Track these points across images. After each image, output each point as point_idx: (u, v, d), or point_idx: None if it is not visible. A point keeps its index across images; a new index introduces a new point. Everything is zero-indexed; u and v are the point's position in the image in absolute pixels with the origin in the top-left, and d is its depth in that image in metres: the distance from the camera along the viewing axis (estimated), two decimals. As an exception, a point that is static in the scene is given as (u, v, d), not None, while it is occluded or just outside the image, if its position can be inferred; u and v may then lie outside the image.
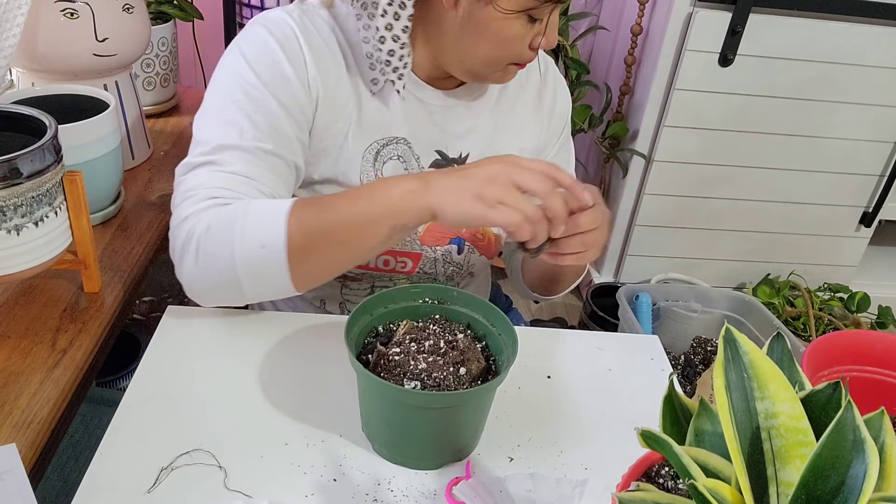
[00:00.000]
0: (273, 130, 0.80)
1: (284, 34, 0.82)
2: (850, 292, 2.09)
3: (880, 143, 2.00)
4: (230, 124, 0.79)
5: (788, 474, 0.42)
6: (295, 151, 0.83)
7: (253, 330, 0.83)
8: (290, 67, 0.81)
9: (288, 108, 0.81)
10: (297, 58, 0.82)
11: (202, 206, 0.75)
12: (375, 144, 0.88)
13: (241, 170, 0.78)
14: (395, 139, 0.89)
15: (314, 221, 0.72)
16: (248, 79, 0.80)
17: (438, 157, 0.92)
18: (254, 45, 0.82)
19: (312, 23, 0.84)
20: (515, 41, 0.80)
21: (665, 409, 0.49)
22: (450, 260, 0.96)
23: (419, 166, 0.91)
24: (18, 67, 1.02)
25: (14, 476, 0.53)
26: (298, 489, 0.65)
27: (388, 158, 0.89)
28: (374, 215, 0.71)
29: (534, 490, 0.66)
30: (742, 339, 0.44)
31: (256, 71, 0.80)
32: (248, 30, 0.84)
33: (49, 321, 0.79)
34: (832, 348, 0.80)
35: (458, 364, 0.68)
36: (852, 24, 1.80)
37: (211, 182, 0.77)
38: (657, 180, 2.02)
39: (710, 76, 1.84)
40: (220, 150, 0.78)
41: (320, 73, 0.83)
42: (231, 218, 0.73)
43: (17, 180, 0.68)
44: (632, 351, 0.89)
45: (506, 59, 0.82)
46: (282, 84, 0.80)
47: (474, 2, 0.77)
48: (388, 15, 0.79)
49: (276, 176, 0.80)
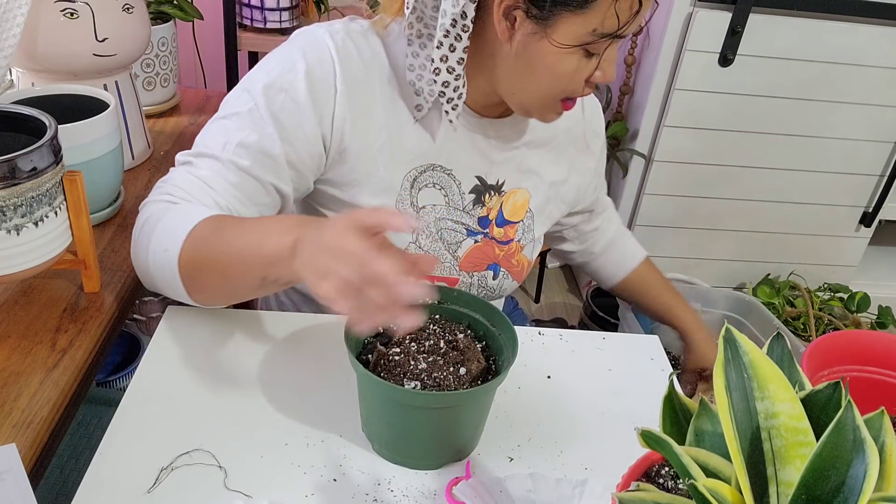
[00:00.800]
0: (260, 151, 0.79)
1: (320, 59, 0.80)
2: (850, 292, 2.09)
3: (880, 143, 2.00)
4: (220, 134, 0.80)
5: (788, 474, 0.42)
6: (280, 176, 0.81)
7: (253, 330, 0.83)
8: (308, 97, 0.79)
9: (288, 135, 0.79)
10: (324, 89, 0.80)
11: (154, 199, 0.78)
12: (413, 171, 0.87)
13: (205, 175, 0.78)
14: (433, 166, 0.88)
15: (204, 245, 0.71)
16: (258, 98, 0.79)
17: (478, 182, 0.92)
18: (281, 64, 0.81)
19: (357, 46, 0.82)
20: (571, 76, 0.78)
21: (665, 409, 0.49)
22: (484, 285, 0.96)
23: (460, 192, 0.91)
24: (18, 67, 1.02)
25: (14, 476, 0.53)
26: (298, 489, 0.65)
27: (424, 185, 0.88)
28: (248, 260, 0.68)
29: (534, 490, 0.66)
30: (742, 339, 0.44)
31: (269, 94, 0.79)
32: (287, 45, 0.83)
33: (49, 321, 0.79)
34: (832, 348, 0.80)
35: (458, 364, 0.68)
36: (852, 24, 1.80)
37: (176, 181, 0.79)
38: (657, 180, 2.02)
39: (710, 76, 1.84)
40: (200, 156, 0.80)
41: (351, 104, 0.81)
42: (158, 217, 0.75)
43: (17, 180, 0.68)
44: (632, 351, 0.89)
45: (560, 93, 0.80)
46: (291, 111, 0.79)
47: (529, 35, 0.75)
48: (444, 47, 0.78)
49: (241, 193, 0.79)
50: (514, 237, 0.97)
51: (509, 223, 0.96)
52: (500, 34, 0.77)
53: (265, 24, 1.69)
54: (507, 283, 0.99)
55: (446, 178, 0.90)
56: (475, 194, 0.92)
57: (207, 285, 0.74)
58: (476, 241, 0.94)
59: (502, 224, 0.95)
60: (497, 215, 0.95)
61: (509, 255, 0.97)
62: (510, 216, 0.96)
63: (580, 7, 0.73)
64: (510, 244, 0.97)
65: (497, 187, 0.93)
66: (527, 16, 0.75)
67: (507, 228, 0.96)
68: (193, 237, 0.71)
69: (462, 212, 0.92)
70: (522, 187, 0.95)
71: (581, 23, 0.74)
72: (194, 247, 0.71)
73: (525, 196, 0.96)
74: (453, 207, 0.91)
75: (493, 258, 0.96)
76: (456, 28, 0.77)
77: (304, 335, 0.84)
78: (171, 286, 0.75)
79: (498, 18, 0.76)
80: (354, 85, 0.82)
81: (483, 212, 0.93)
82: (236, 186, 0.79)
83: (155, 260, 0.74)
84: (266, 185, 0.80)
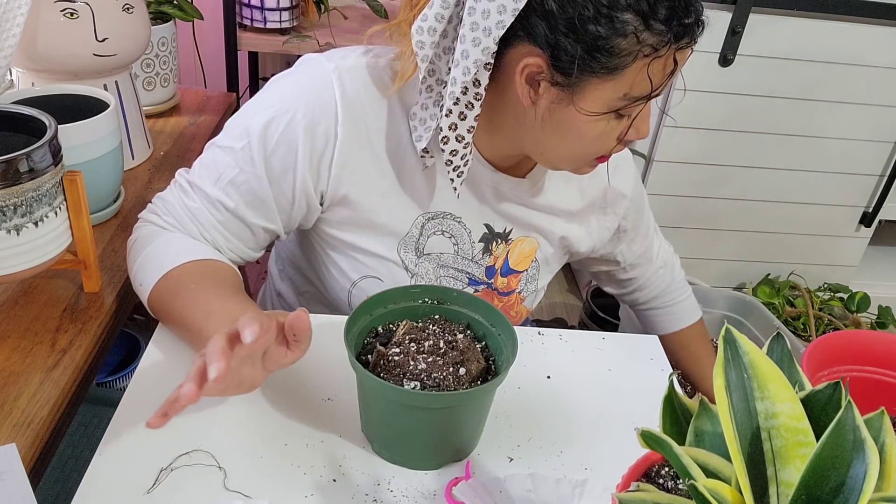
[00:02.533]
0: (247, 192, 0.79)
1: (321, 102, 0.77)
2: (850, 292, 2.09)
3: (880, 143, 2.00)
4: (214, 167, 0.80)
5: (788, 474, 0.42)
6: (269, 217, 0.81)
7: (253, 330, 0.83)
8: (304, 142, 0.76)
9: (277, 176, 0.78)
10: (323, 133, 0.77)
11: (148, 219, 0.82)
12: (421, 218, 0.85)
13: (194, 208, 0.80)
14: (443, 213, 0.86)
15: (167, 299, 0.76)
16: (253, 138, 0.77)
17: (486, 231, 0.90)
18: (281, 103, 0.77)
19: (366, 87, 0.78)
20: (602, 139, 0.74)
21: (665, 409, 0.49)
22: None
23: (470, 241, 0.89)
24: (18, 67, 1.02)
25: (14, 476, 0.53)
26: (298, 489, 0.65)
27: (433, 232, 0.86)
28: (191, 335, 0.74)
29: (534, 490, 0.66)
30: (742, 339, 0.44)
31: (266, 134, 0.77)
32: (291, 80, 0.80)
33: (49, 321, 0.79)
34: (832, 348, 0.80)
35: (458, 364, 0.68)
36: (852, 24, 1.80)
37: (170, 203, 0.82)
38: (657, 180, 2.01)
39: (710, 76, 1.84)
40: (193, 186, 0.81)
41: (353, 150, 0.79)
42: (144, 243, 0.80)
43: (17, 180, 0.68)
44: (632, 351, 0.89)
45: (591, 154, 0.77)
46: (284, 152, 0.77)
47: (554, 102, 0.71)
48: (454, 115, 0.73)
49: (226, 230, 0.81)
50: (517, 288, 0.95)
51: (513, 272, 0.94)
52: (523, 99, 0.73)
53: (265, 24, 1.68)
54: None
55: (456, 226, 0.87)
56: (484, 243, 0.90)
57: (174, 329, 0.79)
58: (476, 291, 0.92)
59: (507, 274, 0.93)
60: (503, 264, 0.93)
61: (509, 306, 0.96)
62: (515, 265, 0.93)
63: (609, 73, 0.68)
64: (511, 295, 0.95)
65: (504, 235, 0.91)
66: (551, 84, 0.70)
67: (511, 278, 0.94)
68: (160, 286, 0.76)
69: (471, 261, 0.90)
70: (531, 237, 0.93)
71: (611, 88, 0.69)
72: (158, 296, 0.76)
73: (533, 245, 0.94)
74: (462, 256, 0.90)
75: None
76: (468, 96, 0.73)
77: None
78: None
79: (520, 83, 0.72)
80: (359, 131, 0.78)
81: (490, 261, 0.92)
82: (222, 223, 0.80)
83: (135, 283, 0.80)
84: (251, 225, 0.81)
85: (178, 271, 0.76)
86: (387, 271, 0.87)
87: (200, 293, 0.74)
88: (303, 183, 0.79)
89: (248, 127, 0.78)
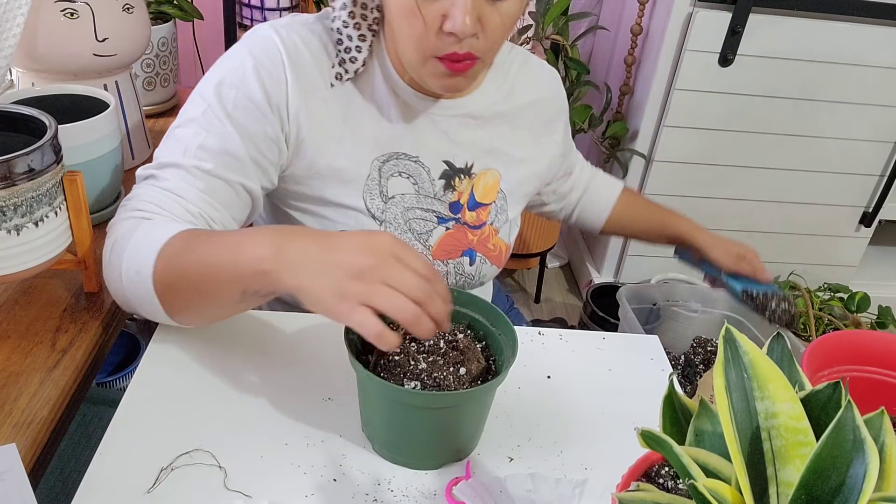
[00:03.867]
0: (221, 151, 0.78)
1: (268, 55, 0.80)
2: (850, 292, 2.09)
3: (880, 143, 2.00)
4: (179, 141, 0.79)
5: (788, 474, 0.42)
6: (247, 174, 0.80)
7: (253, 330, 0.83)
8: (261, 92, 0.79)
9: (246, 131, 0.79)
10: (275, 82, 0.80)
11: (123, 217, 0.76)
12: (377, 161, 0.87)
13: (173, 186, 0.77)
14: (398, 154, 0.88)
15: (177, 263, 0.68)
16: (210, 100, 0.79)
17: (447, 167, 0.91)
18: (230, 65, 0.81)
19: (302, 38, 0.82)
20: (416, 21, 0.73)
21: (665, 409, 0.49)
22: (461, 272, 0.96)
23: (430, 179, 0.90)
24: (18, 67, 1.02)
25: (14, 476, 0.53)
26: (298, 489, 0.65)
27: (391, 174, 0.88)
28: (223, 275, 0.66)
29: (534, 490, 0.66)
30: (742, 339, 0.44)
31: (222, 93, 0.79)
32: (235, 47, 0.83)
33: (49, 321, 0.79)
34: (832, 348, 0.80)
35: (458, 364, 0.68)
36: (852, 24, 1.80)
37: (143, 196, 0.77)
38: (657, 180, 2.02)
39: (710, 76, 1.84)
40: (163, 167, 0.79)
41: (303, 97, 0.81)
42: (127, 236, 0.73)
43: (17, 180, 0.68)
44: (632, 351, 0.89)
45: (424, 48, 0.76)
46: (245, 107, 0.79)
47: None
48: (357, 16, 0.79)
49: (211, 197, 0.78)
50: (487, 220, 0.96)
51: (481, 206, 0.95)
52: None
53: (265, 24, 1.68)
54: (486, 268, 0.98)
55: (413, 165, 0.89)
56: (445, 179, 0.91)
57: (186, 305, 0.71)
58: (448, 229, 0.93)
59: (474, 207, 0.94)
60: (469, 198, 0.94)
61: (483, 239, 0.96)
62: (482, 198, 0.95)
63: None
64: (483, 228, 0.96)
65: (466, 170, 0.92)
66: None
67: (480, 211, 0.95)
68: (164, 256, 0.69)
69: (433, 199, 0.91)
70: (492, 168, 0.95)
71: None
72: (167, 266, 0.69)
73: (495, 177, 0.95)
74: (423, 195, 0.91)
75: (467, 244, 0.95)
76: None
77: (304, 335, 0.84)
78: (150, 308, 0.73)
79: None
80: (304, 76, 0.81)
81: (454, 196, 0.93)
82: (205, 191, 0.78)
83: (129, 282, 0.72)
84: (234, 185, 0.80)
85: (180, 237, 0.70)
86: (355, 223, 0.87)
87: (213, 235, 0.69)
88: (271, 130, 0.80)
89: (202, 94, 0.80)
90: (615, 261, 2.22)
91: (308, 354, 0.81)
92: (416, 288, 0.60)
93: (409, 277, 0.61)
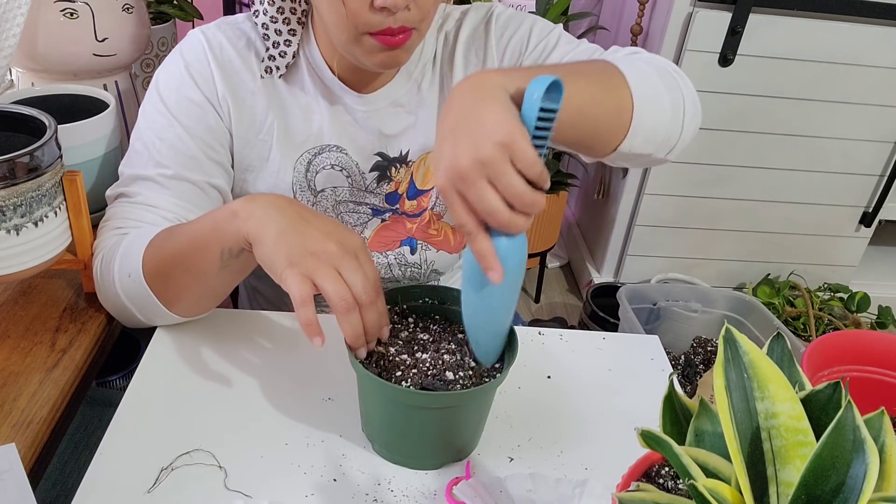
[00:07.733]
0: (177, 154, 0.80)
1: (195, 55, 0.82)
2: (850, 292, 2.09)
3: (880, 143, 2.00)
4: (138, 153, 0.82)
5: (788, 474, 0.42)
6: (208, 172, 0.82)
7: (253, 330, 0.83)
8: (197, 90, 0.81)
9: (194, 130, 0.81)
10: (204, 78, 0.82)
11: (105, 237, 0.80)
12: (307, 154, 0.87)
13: (144, 199, 0.80)
14: (328, 147, 0.87)
15: (162, 249, 0.73)
16: (157, 106, 0.81)
17: (380, 159, 0.90)
18: (166, 71, 0.83)
19: (227, 37, 0.83)
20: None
21: (665, 409, 0.49)
22: (405, 262, 0.95)
23: (360, 172, 0.90)
24: (18, 67, 1.02)
25: (14, 476, 0.53)
26: (298, 489, 0.65)
27: (321, 168, 0.88)
28: (203, 239, 0.70)
29: (534, 490, 0.66)
30: (742, 339, 0.44)
31: (163, 97, 0.81)
32: (170, 55, 0.85)
33: (49, 321, 0.79)
34: (832, 348, 0.80)
35: (459, 364, 0.68)
36: (852, 24, 1.80)
37: (119, 214, 0.80)
38: (657, 180, 2.02)
39: (710, 76, 1.84)
40: (130, 182, 0.81)
41: (230, 91, 0.83)
42: (113, 250, 0.77)
43: (16, 180, 0.68)
44: (632, 351, 0.89)
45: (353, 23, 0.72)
46: (187, 108, 0.81)
47: None
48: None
49: (181, 199, 0.81)
50: (428, 205, 0.94)
51: (423, 192, 0.93)
52: None
53: (265, 24, 1.68)
54: (432, 255, 0.96)
55: (345, 158, 0.88)
56: (379, 171, 0.90)
57: (178, 287, 0.74)
58: (383, 220, 0.93)
59: (415, 195, 0.93)
60: (408, 187, 0.92)
61: (423, 226, 0.95)
62: (423, 185, 0.93)
63: None
64: (423, 215, 0.94)
65: (402, 159, 0.90)
66: None
67: (421, 199, 0.94)
68: (150, 250, 0.73)
69: (365, 192, 0.91)
70: (429, 150, 0.91)
71: None
72: (153, 255, 0.73)
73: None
74: (356, 188, 0.90)
75: (406, 233, 0.94)
76: None
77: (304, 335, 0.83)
78: (148, 307, 0.77)
79: None
80: (231, 71, 0.83)
81: (391, 187, 0.91)
82: (174, 196, 0.80)
83: (124, 288, 0.76)
84: (199, 184, 0.82)
85: (161, 233, 0.75)
86: None
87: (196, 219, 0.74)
88: (215, 124, 0.82)
89: (150, 102, 0.82)
90: (615, 261, 2.22)
91: (308, 354, 0.81)
92: (362, 289, 0.64)
93: (360, 278, 0.64)
